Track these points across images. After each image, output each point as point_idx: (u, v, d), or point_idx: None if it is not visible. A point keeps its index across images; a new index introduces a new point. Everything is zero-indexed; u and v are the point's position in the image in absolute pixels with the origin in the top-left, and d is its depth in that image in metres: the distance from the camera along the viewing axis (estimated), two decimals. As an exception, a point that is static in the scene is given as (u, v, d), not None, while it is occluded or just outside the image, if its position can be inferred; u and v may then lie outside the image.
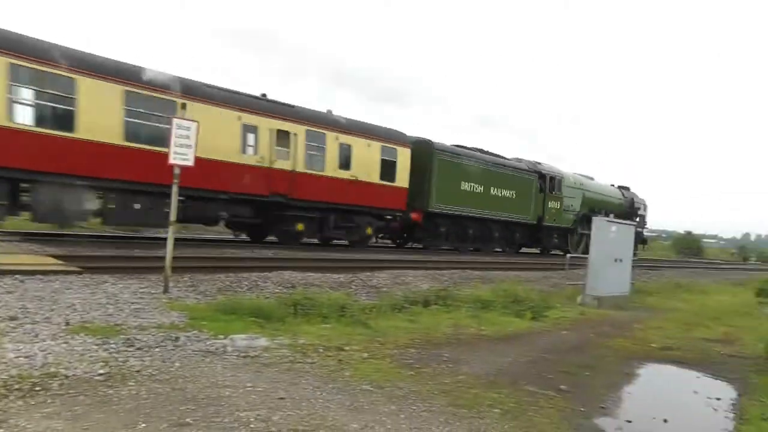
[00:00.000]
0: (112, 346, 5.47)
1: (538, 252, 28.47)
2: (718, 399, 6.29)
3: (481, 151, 26.29)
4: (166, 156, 8.68)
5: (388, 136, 21.31)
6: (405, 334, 7.71)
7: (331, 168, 19.08)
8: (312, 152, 18.56)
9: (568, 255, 14.94)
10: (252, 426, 3.89)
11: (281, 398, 4.55)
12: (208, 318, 7.14)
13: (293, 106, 18.42)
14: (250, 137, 16.98)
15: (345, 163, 19.54)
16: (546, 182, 28.67)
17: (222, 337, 6.29)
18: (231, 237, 21.31)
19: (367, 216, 20.71)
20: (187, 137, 8.68)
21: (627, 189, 37.42)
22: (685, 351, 8.89)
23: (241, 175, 16.52)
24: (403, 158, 21.56)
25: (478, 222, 25.37)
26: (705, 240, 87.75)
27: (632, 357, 8.08)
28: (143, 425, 3.75)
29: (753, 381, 7.21)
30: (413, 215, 22.21)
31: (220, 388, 4.64)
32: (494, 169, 25.82)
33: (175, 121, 8.65)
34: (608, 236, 14.13)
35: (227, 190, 16.26)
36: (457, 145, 25.26)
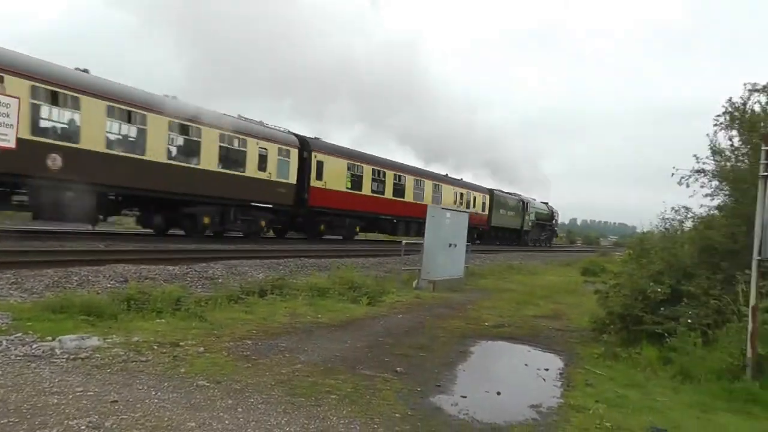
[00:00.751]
0: None
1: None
2: (547, 370, 6.96)
3: (504, 191, 49.77)
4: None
5: (481, 189, 45.41)
6: (242, 325, 7.76)
7: (478, 209, 43.27)
8: (481, 204, 44.51)
9: (404, 241, 15.65)
10: (83, 434, 3.81)
11: (114, 401, 4.45)
12: (34, 318, 6.75)
13: (475, 185, 44.50)
14: (473, 201, 42.81)
15: (483, 208, 44.69)
16: (524, 206, 52.16)
17: (50, 338, 5.99)
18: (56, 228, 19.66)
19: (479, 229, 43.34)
20: (7, 115, 7.96)
21: (547, 203, 60.59)
22: (516, 328, 9.68)
23: (476, 217, 38.33)
24: (486, 199, 45.75)
25: (502, 230, 48.61)
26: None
27: (466, 336, 8.61)
28: (-40, 445, 3.57)
29: (578, 352, 8.11)
30: (485, 227, 44.86)
31: (48, 396, 4.45)
32: (509, 201, 49.58)
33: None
34: (443, 222, 14.69)
35: (475, 224, 36.72)
36: (497, 189, 48.58)
